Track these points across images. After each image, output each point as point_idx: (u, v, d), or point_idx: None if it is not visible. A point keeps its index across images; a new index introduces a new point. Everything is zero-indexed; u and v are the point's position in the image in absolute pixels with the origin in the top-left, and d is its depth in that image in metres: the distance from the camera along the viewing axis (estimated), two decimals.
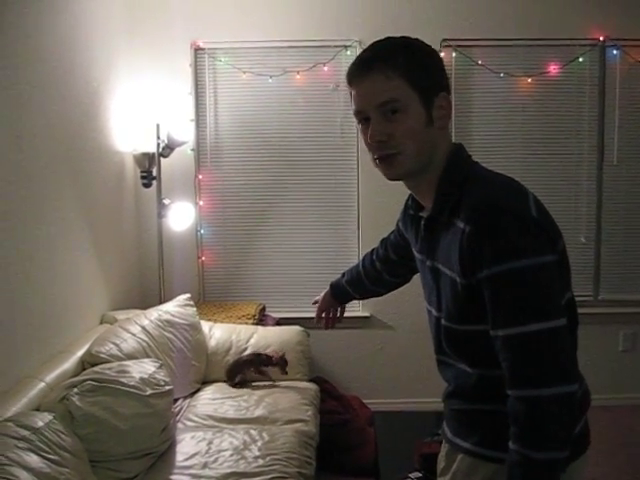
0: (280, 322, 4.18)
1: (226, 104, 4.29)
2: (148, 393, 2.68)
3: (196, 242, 4.33)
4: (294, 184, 4.34)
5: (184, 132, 3.93)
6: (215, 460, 2.67)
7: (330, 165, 4.33)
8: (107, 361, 2.91)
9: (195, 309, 3.74)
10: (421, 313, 1.72)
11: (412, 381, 4.37)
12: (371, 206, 4.26)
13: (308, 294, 4.40)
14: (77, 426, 2.41)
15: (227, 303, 4.24)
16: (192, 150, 4.24)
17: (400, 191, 1.64)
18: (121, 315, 3.61)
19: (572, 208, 4.34)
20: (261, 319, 4.10)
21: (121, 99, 3.94)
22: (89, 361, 2.94)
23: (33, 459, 2.08)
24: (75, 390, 2.51)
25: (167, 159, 3.97)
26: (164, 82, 4.17)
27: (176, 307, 3.64)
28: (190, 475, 2.57)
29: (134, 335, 3.22)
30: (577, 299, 1.49)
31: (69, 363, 2.88)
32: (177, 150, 3.98)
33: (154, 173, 3.96)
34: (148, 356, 3.17)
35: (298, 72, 4.22)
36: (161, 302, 4.06)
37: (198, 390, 3.53)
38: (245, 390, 3.47)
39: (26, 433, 2.17)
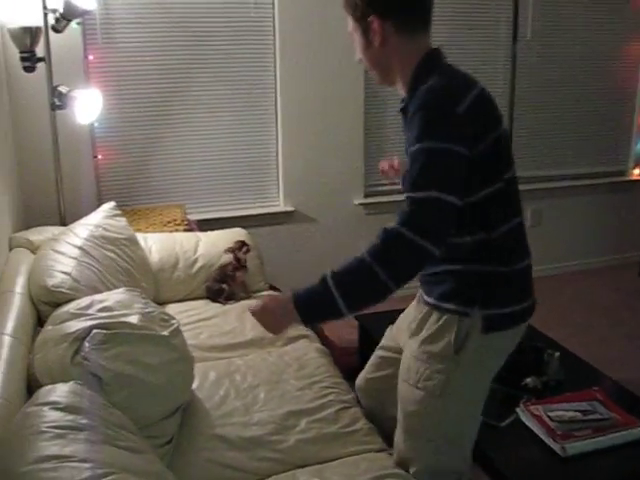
0: (201, 225, 3.66)
1: None
2: (166, 333, 2.13)
3: (90, 138, 3.58)
4: (201, 65, 3.72)
5: None
6: (253, 401, 2.23)
7: (243, 40, 3.74)
8: (71, 297, 2.31)
9: (125, 219, 3.11)
10: None
11: None
12: (292, 87, 3.76)
13: (226, 191, 3.91)
14: (109, 392, 1.85)
15: (141, 209, 3.61)
16: (78, 24, 3.40)
17: (322, 73, 1.45)
18: (34, 235, 2.93)
19: (488, 84, 4.19)
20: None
21: None
22: (45, 300, 2.33)
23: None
24: (86, 345, 1.92)
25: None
26: None
27: (105, 219, 2.99)
28: (233, 425, 2.12)
29: (77, 259, 2.59)
30: None
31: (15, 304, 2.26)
32: None
33: (38, 54, 3.12)
34: (102, 282, 2.59)
35: None
36: (61, 214, 3.36)
37: None
38: (209, 309, 3.00)
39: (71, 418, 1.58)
